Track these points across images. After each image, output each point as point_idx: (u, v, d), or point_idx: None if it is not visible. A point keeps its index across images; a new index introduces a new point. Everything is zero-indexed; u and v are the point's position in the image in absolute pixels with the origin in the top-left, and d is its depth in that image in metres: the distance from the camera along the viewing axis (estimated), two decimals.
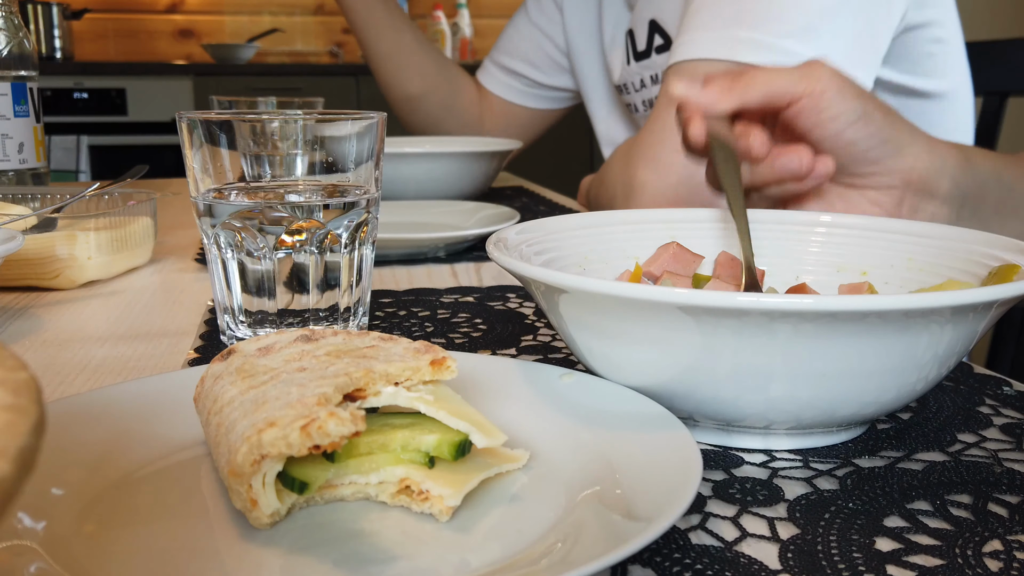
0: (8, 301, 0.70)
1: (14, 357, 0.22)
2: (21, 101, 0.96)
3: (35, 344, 0.59)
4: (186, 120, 0.53)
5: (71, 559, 0.30)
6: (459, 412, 0.35)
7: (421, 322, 0.62)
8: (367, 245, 0.57)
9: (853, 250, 0.53)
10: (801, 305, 0.34)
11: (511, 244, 0.48)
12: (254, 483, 0.32)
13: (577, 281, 0.38)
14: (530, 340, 0.58)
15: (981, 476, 0.39)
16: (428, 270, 0.80)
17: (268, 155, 0.56)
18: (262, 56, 4.02)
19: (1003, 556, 0.32)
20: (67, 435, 0.37)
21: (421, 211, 1.01)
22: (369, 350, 0.38)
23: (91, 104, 3.51)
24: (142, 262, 0.81)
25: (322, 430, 0.31)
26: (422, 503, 0.34)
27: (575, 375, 0.43)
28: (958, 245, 0.48)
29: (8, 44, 0.95)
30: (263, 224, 0.53)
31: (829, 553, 0.32)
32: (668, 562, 0.32)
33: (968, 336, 0.38)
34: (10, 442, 0.18)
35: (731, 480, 0.38)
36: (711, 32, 0.87)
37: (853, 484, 0.38)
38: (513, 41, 1.47)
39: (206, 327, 0.62)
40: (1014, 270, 0.43)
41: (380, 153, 0.57)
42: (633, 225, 0.56)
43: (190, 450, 0.39)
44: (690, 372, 0.38)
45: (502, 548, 0.32)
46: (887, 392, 0.38)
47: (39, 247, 0.71)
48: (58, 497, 0.34)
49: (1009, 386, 0.50)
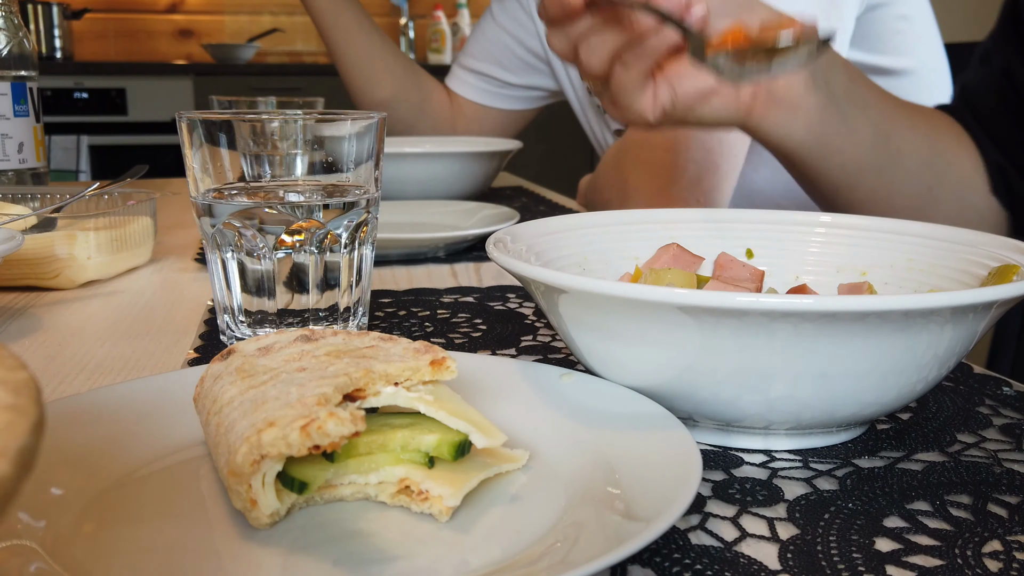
0: (8, 301, 0.70)
1: (14, 357, 0.22)
2: (21, 101, 0.96)
3: (35, 344, 0.59)
4: (186, 120, 0.53)
5: (71, 559, 0.30)
6: (459, 412, 0.35)
7: (421, 322, 0.62)
8: (367, 245, 0.57)
9: (853, 250, 0.53)
10: (801, 305, 0.34)
11: (511, 244, 0.48)
12: (254, 483, 0.32)
13: (577, 281, 0.38)
14: (530, 340, 0.58)
15: (981, 476, 0.39)
16: (428, 270, 0.80)
17: (268, 155, 0.56)
18: (262, 56, 4.02)
19: (1003, 556, 0.32)
20: (67, 435, 0.37)
21: (421, 211, 1.01)
22: (369, 350, 0.38)
23: (91, 104, 3.51)
24: (142, 262, 0.81)
25: (322, 430, 0.31)
26: (422, 503, 0.34)
27: (575, 375, 0.43)
28: (958, 246, 0.48)
29: (8, 44, 0.95)
30: (263, 224, 0.53)
31: (829, 553, 0.32)
32: (668, 562, 0.32)
33: (968, 336, 0.38)
34: (10, 442, 0.18)
35: (731, 480, 0.38)
36: None
37: (853, 484, 0.38)
38: (480, 44, 1.48)
39: (206, 327, 0.62)
40: (1013, 270, 0.43)
41: (380, 153, 0.57)
42: (633, 225, 0.56)
43: (190, 450, 0.39)
44: (690, 372, 0.38)
45: (502, 548, 0.32)
46: (887, 392, 0.38)
47: (39, 247, 0.71)
48: (58, 497, 0.34)
49: (1009, 386, 0.50)
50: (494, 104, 1.50)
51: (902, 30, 1.03)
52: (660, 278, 0.49)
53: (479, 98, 1.50)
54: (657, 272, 0.50)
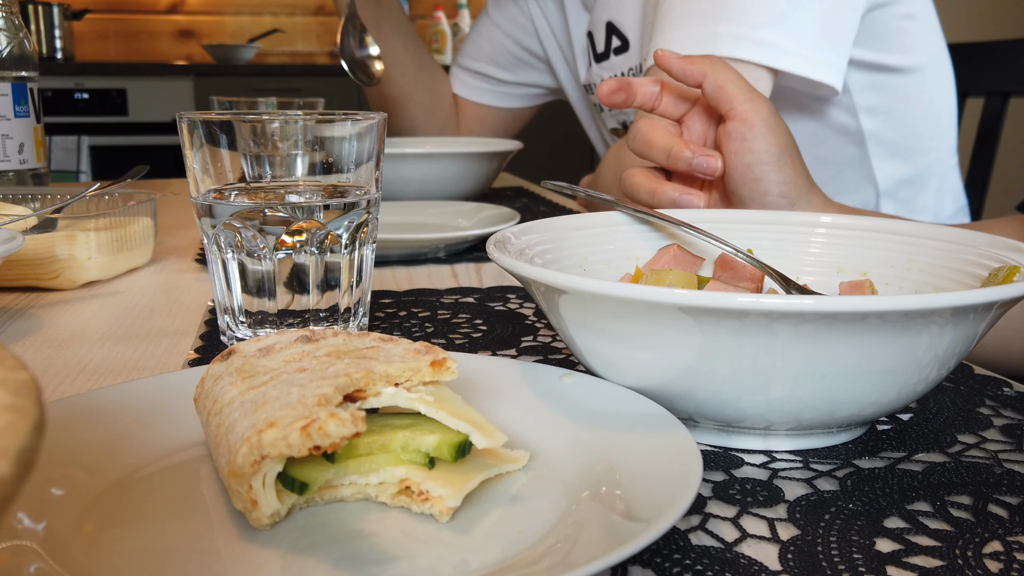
0: (8, 301, 0.70)
1: (14, 357, 0.22)
2: (21, 101, 0.96)
3: (35, 344, 0.59)
4: (186, 120, 0.53)
5: (71, 559, 0.30)
6: (459, 413, 0.35)
7: (421, 323, 0.62)
8: (367, 245, 0.57)
9: (853, 251, 0.53)
10: (801, 306, 0.34)
11: (511, 245, 0.48)
12: (254, 484, 0.32)
13: (577, 282, 0.38)
14: (530, 341, 0.58)
15: (981, 477, 0.39)
16: (428, 271, 0.80)
17: (268, 155, 0.56)
18: (262, 56, 4.02)
19: (1003, 557, 0.32)
20: (67, 435, 0.37)
21: (421, 211, 1.01)
22: (369, 351, 0.38)
23: (91, 104, 3.51)
24: (142, 262, 0.81)
25: (322, 431, 0.31)
26: (422, 504, 0.34)
27: (575, 376, 0.43)
28: (958, 246, 0.48)
29: (8, 44, 0.95)
30: (263, 224, 0.53)
31: (829, 554, 0.32)
32: (668, 563, 0.32)
33: (968, 337, 0.38)
34: (10, 442, 0.18)
35: (731, 481, 0.38)
36: (687, 29, 0.89)
37: (853, 485, 0.38)
38: (476, 43, 1.48)
39: (206, 327, 0.62)
40: (1014, 271, 0.43)
41: (380, 153, 0.57)
42: (634, 226, 0.56)
43: (190, 450, 0.39)
44: (690, 373, 0.38)
45: (502, 549, 0.32)
46: (887, 393, 0.38)
47: (39, 247, 0.71)
48: (58, 497, 0.34)
49: (1009, 387, 0.50)
50: (493, 103, 1.51)
51: (907, 28, 1.04)
52: (661, 279, 0.49)
53: (478, 97, 1.50)
54: (658, 273, 0.50)
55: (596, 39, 1.22)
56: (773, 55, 0.86)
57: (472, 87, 1.50)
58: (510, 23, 1.44)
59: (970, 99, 1.35)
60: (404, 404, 0.35)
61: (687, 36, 0.88)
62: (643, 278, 0.52)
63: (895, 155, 1.10)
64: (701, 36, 0.87)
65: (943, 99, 1.12)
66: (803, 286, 0.53)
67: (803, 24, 0.87)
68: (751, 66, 0.86)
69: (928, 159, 1.12)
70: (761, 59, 0.86)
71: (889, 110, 1.07)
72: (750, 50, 0.86)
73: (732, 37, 0.86)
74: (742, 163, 0.64)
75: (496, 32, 1.45)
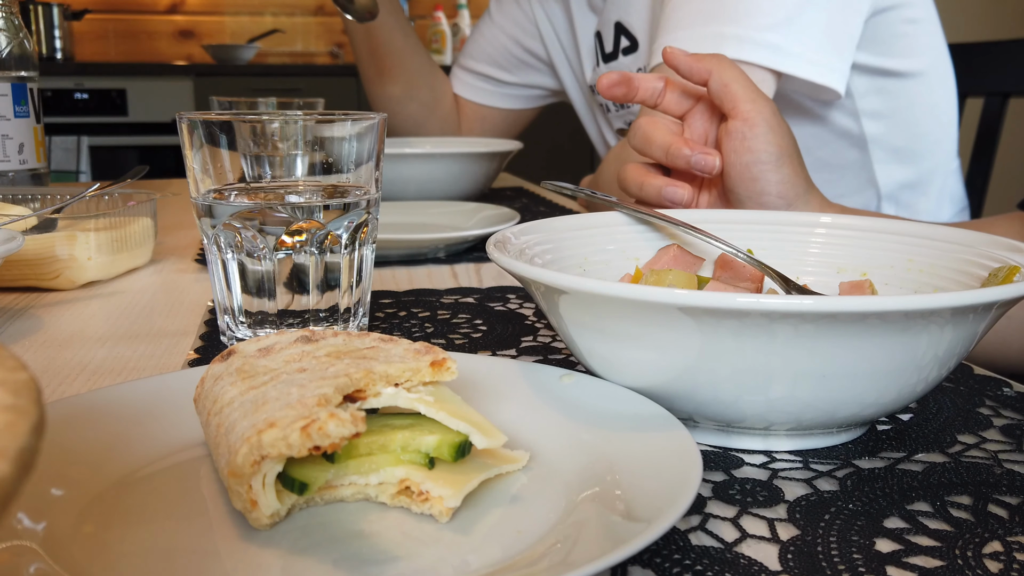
0: (8, 301, 0.70)
1: (14, 357, 0.22)
2: (21, 102, 0.96)
3: (35, 344, 0.59)
4: (186, 121, 0.53)
5: (71, 559, 0.30)
6: (459, 413, 0.35)
7: (421, 323, 0.62)
8: (367, 246, 0.57)
9: (853, 251, 0.53)
10: (801, 306, 0.34)
11: (511, 245, 0.48)
12: (254, 484, 0.32)
13: (577, 282, 0.38)
14: (530, 341, 0.58)
15: (981, 477, 0.39)
16: (428, 271, 0.80)
17: (268, 156, 0.56)
18: (262, 57, 4.02)
19: (1003, 557, 0.32)
20: (67, 435, 0.37)
21: (421, 212, 1.01)
22: (369, 351, 0.38)
23: (91, 105, 3.51)
24: (142, 263, 0.81)
25: (322, 431, 0.31)
26: (422, 504, 0.34)
27: (575, 376, 0.43)
28: (958, 246, 0.48)
29: (8, 45, 0.95)
30: (263, 225, 0.53)
31: (829, 554, 0.32)
32: (668, 563, 0.32)
33: (968, 337, 0.38)
34: (10, 443, 0.18)
35: (731, 481, 0.38)
36: (692, 30, 0.89)
37: (853, 485, 0.38)
38: (478, 44, 1.49)
39: (206, 328, 0.62)
40: (1014, 271, 0.43)
41: (380, 154, 0.57)
42: (634, 226, 0.56)
43: (190, 451, 0.39)
44: (690, 373, 0.38)
45: (502, 549, 0.32)
46: (887, 393, 0.38)
47: (39, 248, 0.71)
48: (58, 497, 0.34)
49: (1009, 387, 0.50)
50: (494, 104, 1.51)
51: (910, 33, 1.04)
52: (661, 279, 0.49)
53: (479, 98, 1.50)
54: (658, 273, 0.50)
55: (605, 39, 1.22)
56: (777, 58, 0.86)
57: (474, 88, 1.50)
58: (512, 24, 1.44)
59: (970, 99, 1.35)
60: (404, 404, 0.35)
61: (692, 36, 0.88)
62: (643, 278, 0.52)
63: (897, 159, 1.10)
64: (706, 37, 0.87)
65: (945, 103, 1.12)
66: (803, 286, 0.53)
67: (808, 28, 0.87)
68: (755, 68, 0.86)
69: (930, 163, 1.12)
70: (765, 61, 0.86)
71: (891, 114, 1.08)
72: (754, 52, 0.86)
73: (737, 39, 0.86)
74: (741, 162, 0.64)
75: (498, 33, 1.45)
